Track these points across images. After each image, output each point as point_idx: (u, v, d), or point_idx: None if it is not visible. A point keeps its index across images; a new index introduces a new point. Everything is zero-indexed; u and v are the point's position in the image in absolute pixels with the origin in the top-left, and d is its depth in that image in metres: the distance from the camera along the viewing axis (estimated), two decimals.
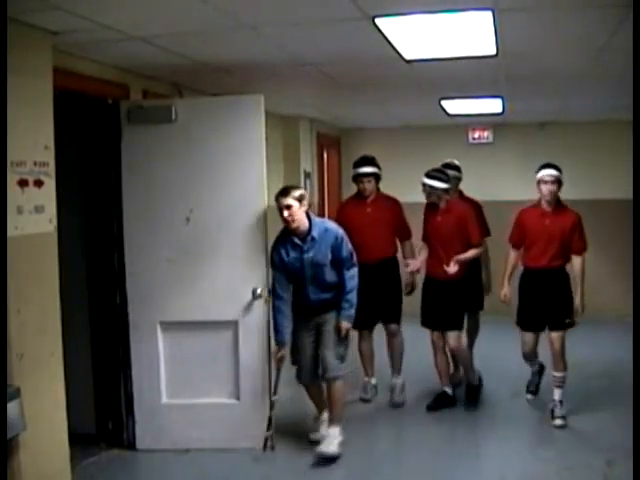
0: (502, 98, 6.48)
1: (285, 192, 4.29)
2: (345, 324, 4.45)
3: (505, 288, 5.15)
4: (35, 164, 3.34)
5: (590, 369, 6.20)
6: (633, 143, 3.38)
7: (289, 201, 4.24)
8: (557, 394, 4.98)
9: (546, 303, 4.96)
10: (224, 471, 4.28)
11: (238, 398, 4.57)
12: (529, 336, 5.10)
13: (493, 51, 4.17)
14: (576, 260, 4.98)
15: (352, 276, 4.46)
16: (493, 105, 6.87)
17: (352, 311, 4.46)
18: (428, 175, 5.15)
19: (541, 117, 8.21)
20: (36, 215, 3.34)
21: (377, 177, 5.46)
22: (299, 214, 4.28)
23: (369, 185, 5.41)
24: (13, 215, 3.17)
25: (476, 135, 8.87)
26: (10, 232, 3.13)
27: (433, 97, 6.35)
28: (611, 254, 8.31)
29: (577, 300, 4.92)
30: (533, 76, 5.24)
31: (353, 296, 4.45)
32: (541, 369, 5.47)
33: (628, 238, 3.60)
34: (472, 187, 6.05)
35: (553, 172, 4.91)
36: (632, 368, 3.20)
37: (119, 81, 4.48)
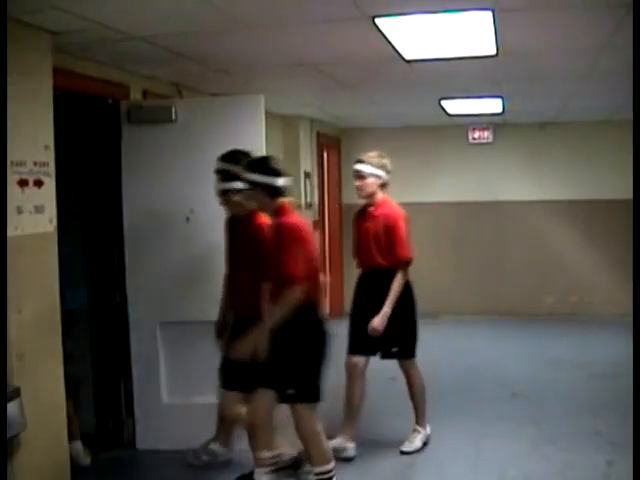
0: (502, 98, 6.48)
1: None
2: None
3: None
4: (35, 164, 3.34)
5: (589, 368, 6.20)
6: (633, 143, 3.38)
7: None
8: None
9: None
10: (224, 471, 4.28)
11: None
12: None
13: (493, 51, 4.17)
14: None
15: None
16: (493, 105, 6.87)
17: None
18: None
19: (541, 117, 8.21)
20: (36, 215, 3.34)
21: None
22: None
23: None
24: (13, 215, 3.17)
25: (476, 135, 8.87)
26: (10, 232, 3.13)
27: (433, 97, 6.35)
28: (610, 254, 8.33)
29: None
30: (533, 76, 5.24)
31: None
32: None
33: (628, 238, 3.60)
34: (472, 187, 6.03)
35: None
36: (632, 367, 3.20)
37: (119, 81, 4.49)
